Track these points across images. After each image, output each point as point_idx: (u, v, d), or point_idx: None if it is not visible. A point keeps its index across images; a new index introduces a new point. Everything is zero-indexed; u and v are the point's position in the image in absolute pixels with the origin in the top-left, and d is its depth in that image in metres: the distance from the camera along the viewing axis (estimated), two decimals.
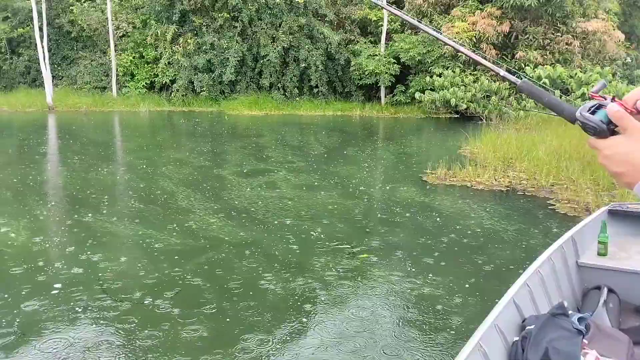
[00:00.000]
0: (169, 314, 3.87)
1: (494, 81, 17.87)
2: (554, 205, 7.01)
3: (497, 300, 2.60)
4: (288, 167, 9.66)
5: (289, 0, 21.87)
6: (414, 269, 4.79)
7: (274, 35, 21.55)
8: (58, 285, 4.31)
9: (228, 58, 21.14)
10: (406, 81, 21.16)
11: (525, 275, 2.88)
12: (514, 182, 8.31)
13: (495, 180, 8.38)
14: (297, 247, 5.43)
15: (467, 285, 4.43)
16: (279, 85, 21.89)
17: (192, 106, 21.05)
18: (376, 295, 4.26)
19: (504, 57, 18.90)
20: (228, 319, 3.82)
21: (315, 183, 8.43)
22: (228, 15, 21.32)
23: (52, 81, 19.97)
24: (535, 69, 17.18)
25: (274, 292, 4.30)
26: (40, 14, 19.84)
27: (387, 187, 8.37)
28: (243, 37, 21.57)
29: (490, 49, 18.49)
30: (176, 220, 6.30)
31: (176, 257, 5.05)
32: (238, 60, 21.29)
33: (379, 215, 6.86)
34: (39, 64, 19.95)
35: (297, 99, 21.78)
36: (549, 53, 18.93)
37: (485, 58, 1.19)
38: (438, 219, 6.47)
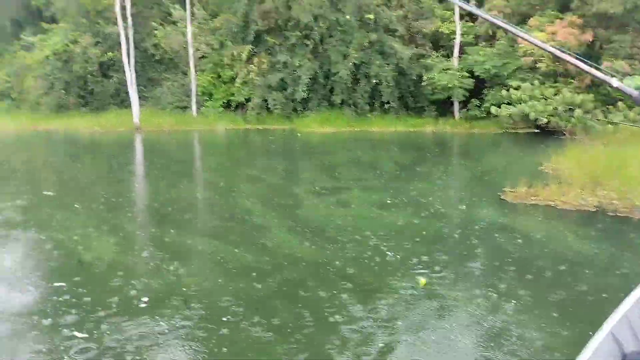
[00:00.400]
0: (247, 331, 3.95)
1: (577, 93, 16.90)
2: None
3: (591, 333, 2.41)
4: (360, 185, 9.64)
5: (360, 16, 22.03)
6: (494, 295, 4.58)
7: (345, 52, 21.77)
8: (145, 299, 4.53)
9: (300, 76, 21.59)
10: (481, 95, 20.53)
11: (624, 306, 2.65)
12: (604, 202, 7.75)
13: (583, 199, 7.86)
14: (372, 266, 5.36)
15: (555, 314, 4.17)
16: (350, 101, 22.00)
17: (266, 124, 21.64)
18: (453, 321, 4.11)
19: None
20: (304, 340, 3.83)
21: (388, 201, 8.34)
22: (300, 34, 21.82)
23: (139, 102, 21.30)
24: (623, 80, 16.06)
25: (350, 313, 4.27)
26: (127, 38, 21.29)
27: (463, 206, 8.11)
28: (314, 54, 21.97)
29: None
30: (252, 237, 6.45)
31: (254, 274, 5.16)
32: (310, 78, 21.67)
33: (455, 235, 6.65)
34: (127, 86, 21.37)
35: (369, 115, 21.77)
36: (638, 62, 17.65)
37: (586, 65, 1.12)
38: (520, 240, 6.16)
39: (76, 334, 3.91)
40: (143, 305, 4.43)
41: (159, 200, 8.68)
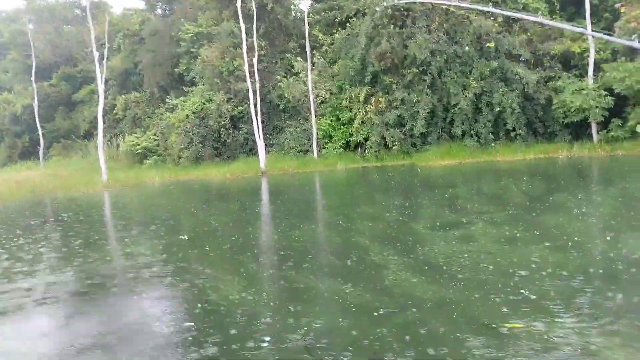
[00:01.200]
0: None
1: None
2: None
3: None
4: (486, 219, 9.03)
5: (479, 46, 21.35)
6: None
7: (465, 83, 21.14)
8: (267, 339, 4.59)
9: (418, 111, 21.35)
10: (623, 114, 18.49)
11: None
12: None
13: None
14: (502, 308, 4.88)
15: None
16: (472, 132, 21.15)
17: (385, 161, 21.60)
18: None
19: None
20: None
21: (518, 235, 7.67)
22: (417, 70, 21.72)
23: (265, 149, 22.68)
24: None
25: (475, 359, 3.88)
26: (255, 92, 23.03)
27: (608, 238, 7.16)
28: (432, 89, 21.65)
29: None
30: (370, 275, 6.30)
31: (374, 314, 4.98)
32: (428, 112, 21.33)
33: (600, 271, 5.84)
34: (254, 135, 22.95)
35: (493, 144, 20.70)
36: None
37: None
38: None
39: None
40: (265, 344, 4.48)
41: (280, 240, 8.94)
